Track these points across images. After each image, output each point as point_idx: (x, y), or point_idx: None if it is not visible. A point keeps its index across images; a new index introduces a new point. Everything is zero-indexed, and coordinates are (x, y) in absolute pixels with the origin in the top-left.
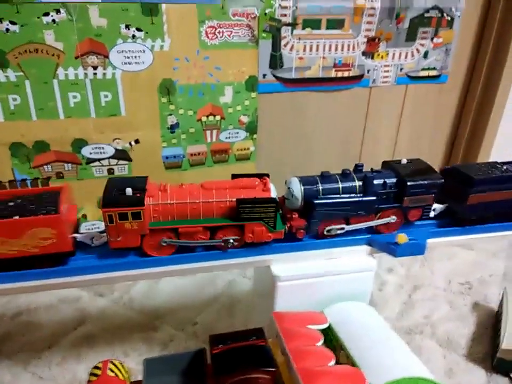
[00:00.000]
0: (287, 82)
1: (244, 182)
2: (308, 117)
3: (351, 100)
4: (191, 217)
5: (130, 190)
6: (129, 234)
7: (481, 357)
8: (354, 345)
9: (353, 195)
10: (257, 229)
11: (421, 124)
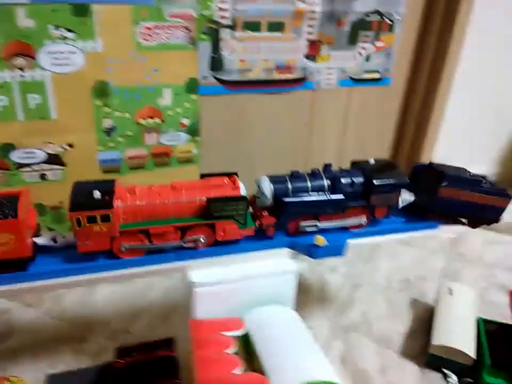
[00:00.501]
0: (229, 85)
1: (213, 181)
2: (252, 120)
3: (296, 102)
4: (161, 218)
5: (98, 192)
6: (99, 237)
7: (415, 353)
8: (267, 351)
9: (322, 193)
10: (228, 226)
11: (366, 126)
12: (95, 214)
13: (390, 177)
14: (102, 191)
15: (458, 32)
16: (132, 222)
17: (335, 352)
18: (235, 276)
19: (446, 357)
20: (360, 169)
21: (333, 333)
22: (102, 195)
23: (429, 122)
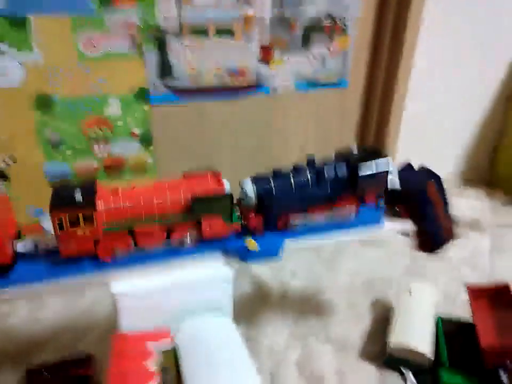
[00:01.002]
0: (181, 92)
1: (196, 178)
2: (209, 127)
3: (253, 108)
4: (146, 218)
5: (79, 192)
6: (82, 240)
7: (374, 355)
8: (190, 364)
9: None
10: (215, 223)
11: (327, 128)
12: (77, 215)
13: (374, 165)
14: (84, 192)
15: (412, 29)
16: (115, 223)
17: (291, 359)
18: (162, 285)
19: (404, 357)
20: (344, 159)
21: (290, 339)
22: (84, 196)
23: (389, 122)
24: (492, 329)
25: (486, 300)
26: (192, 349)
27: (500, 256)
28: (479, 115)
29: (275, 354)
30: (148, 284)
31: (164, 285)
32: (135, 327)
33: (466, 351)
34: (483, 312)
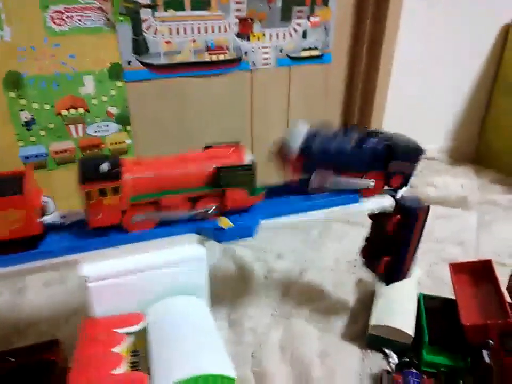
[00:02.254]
0: (157, 69)
1: (219, 150)
2: (188, 105)
3: (233, 84)
4: (170, 189)
5: (106, 165)
6: (109, 211)
7: (357, 335)
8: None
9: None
10: (238, 194)
11: (311, 104)
12: (105, 186)
13: (409, 147)
14: (110, 164)
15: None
16: (141, 194)
17: (274, 340)
18: (134, 267)
19: (385, 336)
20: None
21: (274, 320)
22: (110, 168)
23: (374, 99)
24: (474, 306)
25: (468, 277)
26: (159, 329)
27: (486, 233)
28: (466, 92)
29: (258, 335)
30: (119, 265)
31: (135, 267)
32: (107, 311)
33: (448, 329)
34: (465, 288)
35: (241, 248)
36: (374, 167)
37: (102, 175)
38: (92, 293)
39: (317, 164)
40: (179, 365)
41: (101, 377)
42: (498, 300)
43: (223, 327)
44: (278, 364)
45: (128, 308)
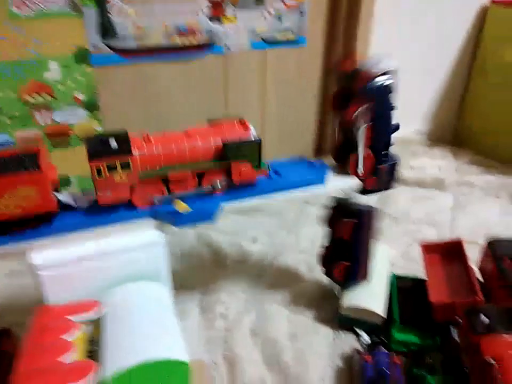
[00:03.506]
0: (126, 53)
1: (225, 125)
2: (160, 91)
3: (207, 69)
4: (178, 164)
5: (114, 141)
6: (119, 187)
7: (329, 316)
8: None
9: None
10: (244, 168)
11: (287, 89)
12: (115, 162)
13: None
14: (118, 140)
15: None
16: (150, 170)
17: (246, 324)
18: (86, 254)
19: (356, 317)
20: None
21: (246, 304)
22: (119, 143)
23: None
24: (443, 285)
25: (439, 256)
26: (113, 316)
27: (461, 214)
28: (444, 74)
29: (230, 320)
30: (70, 253)
31: (87, 253)
32: (62, 299)
33: (419, 308)
34: (436, 268)
35: (216, 233)
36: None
37: (111, 150)
38: (42, 281)
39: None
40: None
41: (47, 364)
42: (468, 279)
43: (195, 312)
44: (249, 348)
45: (85, 295)
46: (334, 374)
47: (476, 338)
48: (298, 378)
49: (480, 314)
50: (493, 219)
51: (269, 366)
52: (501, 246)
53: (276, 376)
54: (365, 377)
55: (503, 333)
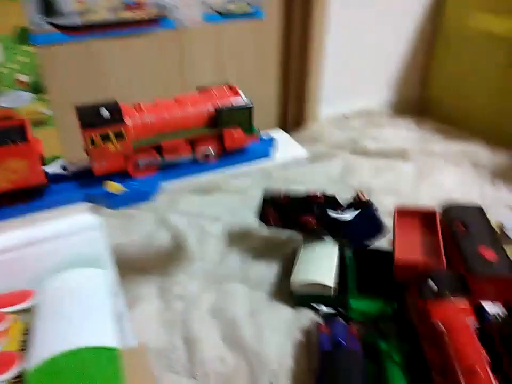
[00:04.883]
0: (70, 30)
1: (215, 91)
2: (110, 69)
3: (159, 45)
4: (171, 132)
5: (106, 111)
6: (114, 156)
7: (288, 293)
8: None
9: None
10: (236, 134)
11: (245, 63)
12: (108, 131)
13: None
14: (109, 110)
15: None
16: (143, 139)
17: (205, 304)
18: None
19: (309, 292)
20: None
21: (205, 284)
22: (111, 113)
23: (311, 55)
24: (409, 247)
25: (410, 222)
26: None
27: (424, 183)
28: (407, 43)
29: (187, 301)
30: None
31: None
32: None
33: (375, 277)
34: (404, 231)
35: (175, 215)
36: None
37: (104, 120)
38: None
39: None
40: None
41: None
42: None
43: (153, 296)
44: (208, 328)
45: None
46: (293, 348)
47: (424, 303)
48: (258, 354)
49: (428, 279)
50: (453, 186)
51: (228, 345)
52: (454, 211)
53: (235, 354)
54: (322, 349)
55: (450, 297)
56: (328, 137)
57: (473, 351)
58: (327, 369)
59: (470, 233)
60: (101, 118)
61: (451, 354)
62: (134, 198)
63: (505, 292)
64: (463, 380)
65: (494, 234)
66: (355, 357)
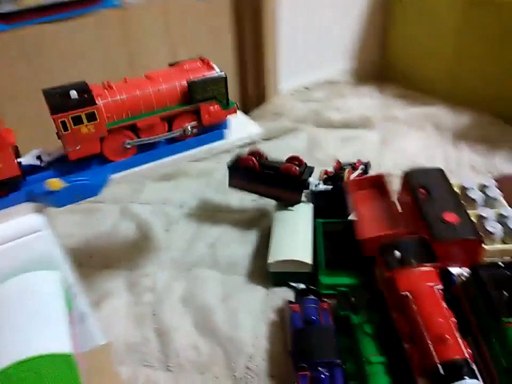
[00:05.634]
0: (4, 19)
1: (187, 65)
2: (48, 57)
3: (103, 26)
4: (145, 110)
5: (75, 92)
6: (88, 140)
7: (261, 271)
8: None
9: None
10: (213, 108)
11: (198, 42)
12: (79, 113)
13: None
14: (78, 91)
15: None
16: (117, 119)
17: (175, 294)
18: None
19: (286, 270)
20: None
21: (174, 273)
22: (80, 94)
23: (265, 27)
24: (370, 219)
25: (364, 192)
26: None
27: (388, 150)
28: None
29: (158, 292)
30: None
31: None
32: None
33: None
34: (361, 203)
35: (138, 205)
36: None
37: (73, 101)
38: None
39: None
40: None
41: None
42: (392, 213)
43: (122, 290)
44: (179, 317)
45: None
46: (267, 328)
47: (390, 274)
48: (232, 339)
49: (393, 249)
50: (417, 151)
51: (201, 332)
52: (415, 176)
53: (209, 341)
54: (293, 328)
55: (416, 265)
56: (290, 111)
57: (441, 318)
58: (300, 346)
59: (432, 198)
60: (71, 101)
61: (419, 323)
62: (78, 193)
63: (470, 255)
64: (432, 348)
65: (456, 197)
66: (327, 332)
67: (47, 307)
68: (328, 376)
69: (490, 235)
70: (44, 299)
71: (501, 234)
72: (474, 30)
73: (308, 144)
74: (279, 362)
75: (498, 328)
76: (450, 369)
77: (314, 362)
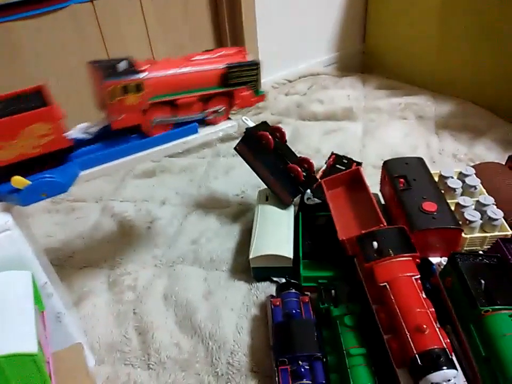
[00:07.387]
0: None
1: (223, 51)
2: (22, 55)
3: (75, 19)
4: (183, 90)
5: (124, 63)
6: (131, 110)
7: (244, 267)
8: None
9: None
10: (245, 94)
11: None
12: (129, 83)
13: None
14: (127, 63)
15: None
16: (159, 94)
17: (157, 292)
18: None
19: (267, 265)
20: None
21: (157, 272)
22: (129, 66)
23: (245, 19)
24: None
25: (341, 189)
26: None
27: (370, 140)
28: None
29: (139, 290)
30: None
31: None
32: None
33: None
34: (339, 201)
35: (120, 203)
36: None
37: (124, 71)
38: None
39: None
40: None
41: None
42: (371, 207)
43: (102, 289)
44: (161, 315)
45: None
46: (250, 324)
47: (369, 265)
48: (213, 335)
49: (371, 240)
50: (399, 141)
51: (183, 330)
52: (395, 165)
53: (191, 337)
54: (275, 322)
55: (394, 256)
56: (273, 104)
57: (418, 308)
58: (281, 340)
59: (412, 188)
60: (121, 71)
61: (398, 314)
62: (45, 190)
63: (449, 244)
64: (410, 339)
65: (435, 186)
66: (307, 325)
67: (14, 307)
68: (309, 369)
69: (469, 223)
70: (10, 299)
71: (480, 222)
72: (456, 17)
73: (291, 137)
74: (261, 357)
75: (476, 317)
76: (428, 359)
77: (294, 356)
